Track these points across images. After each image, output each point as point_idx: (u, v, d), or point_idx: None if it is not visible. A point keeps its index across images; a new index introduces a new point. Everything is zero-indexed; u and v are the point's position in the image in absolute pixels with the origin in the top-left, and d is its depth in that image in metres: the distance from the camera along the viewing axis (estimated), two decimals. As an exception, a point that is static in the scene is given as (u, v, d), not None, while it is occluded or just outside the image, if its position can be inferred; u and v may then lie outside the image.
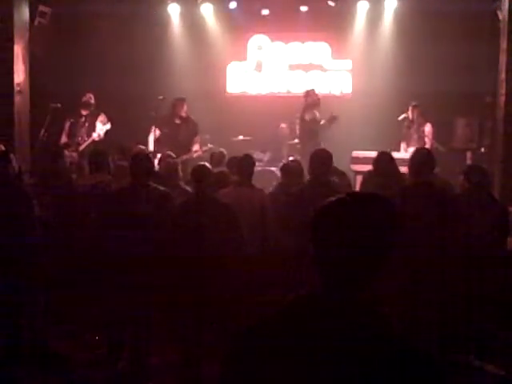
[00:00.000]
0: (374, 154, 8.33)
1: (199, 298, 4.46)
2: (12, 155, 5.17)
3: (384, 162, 5.73)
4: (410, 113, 8.85)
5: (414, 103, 8.84)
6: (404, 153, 8.38)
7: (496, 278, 4.81)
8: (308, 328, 1.40)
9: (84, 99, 8.83)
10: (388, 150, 6.45)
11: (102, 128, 8.75)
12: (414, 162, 4.91)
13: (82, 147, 8.52)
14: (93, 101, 8.89)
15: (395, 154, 6.42)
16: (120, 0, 10.13)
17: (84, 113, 8.81)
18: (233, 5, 10.22)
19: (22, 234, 4.75)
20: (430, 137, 8.79)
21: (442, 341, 4.45)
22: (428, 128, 8.80)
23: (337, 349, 1.37)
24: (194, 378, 4.57)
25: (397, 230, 1.49)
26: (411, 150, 8.64)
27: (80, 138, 8.68)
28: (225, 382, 1.51)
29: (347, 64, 10.47)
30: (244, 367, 1.45)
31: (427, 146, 8.70)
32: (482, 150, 9.22)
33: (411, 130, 8.86)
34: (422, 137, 8.79)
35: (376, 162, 5.80)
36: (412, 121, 8.86)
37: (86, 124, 8.79)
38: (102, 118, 8.84)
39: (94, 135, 8.65)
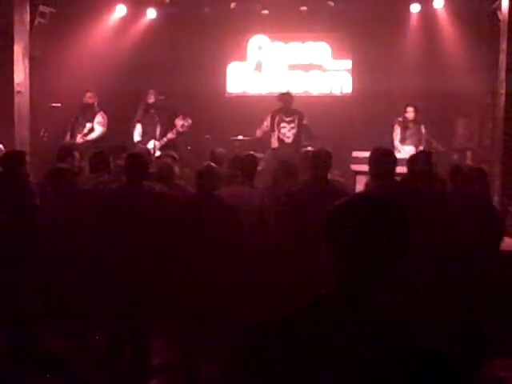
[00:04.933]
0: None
1: (199, 297, 4.46)
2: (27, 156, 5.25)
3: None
4: (407, 113, 8.83)
5: (409, 103, 8.83)
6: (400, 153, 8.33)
7: (496, 276, 4.81)
8: (324, 329, 1.40)
9: (84, 100, 8.78)
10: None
11: (90, 126, 8.71)
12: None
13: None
14: (93, 100, 8.84)
15: (401, 155, 6.40)
16: (120, 0, 10.14)
17: (84, 112, 8.79)
18: (233, 5, 10.22)
19: (24, 234, 4.77)
20: (426, 136, 8.78)
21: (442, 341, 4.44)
22: (423, 128, 8.80)
23: (353, 349, 1.36)
24: (194, 377, 4.56)
25: (408, 230, 1.50)
26: (407, 148, 8.64)
27: (78, 138, 8.68)
28: (237, 380, 1.51)
29: (347, 64, 10.47)
30: (257, 366, 1.45)
31: (422, 145, 8.68)
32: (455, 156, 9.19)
33: (408, 130, 8.84)
34: (419, 137, 8.76)
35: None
36: (409, 121, 8.85)
37: (84, 122, 8.78)
38: (99, 118, 8.81)
39: (78, 137, 8.60)
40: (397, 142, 8.79)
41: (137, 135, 8.89)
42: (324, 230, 1.50)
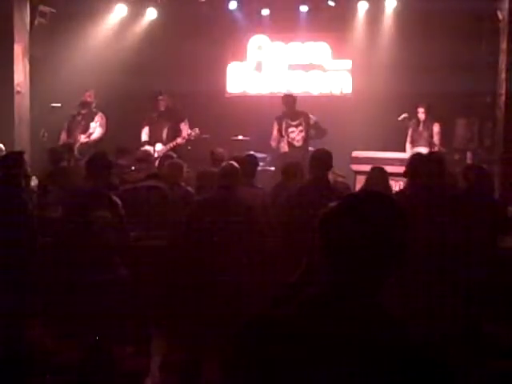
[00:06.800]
0: (374, 154, 8.40)
1: (201, 296, 4.46)
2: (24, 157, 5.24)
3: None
4: (418, 114, 8.79)
5: (422, 103, 8.79)
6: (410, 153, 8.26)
7: (495, 277, 4.81)
8: (318, 329, 1.40)
9: (83, 98, 8.81)
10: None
11: (94, 127, 8.74)
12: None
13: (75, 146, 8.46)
14: (91, 99, 8.85)
15: (401, 155, 6.38)
16: (120, 0, 10.14)
17: (82, 111, 8.80)
18: (233, 5, 10.22)
19: (21, 238, 4.77)
20: (439, 136, 8.73)
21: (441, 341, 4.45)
22: (437, 128, 8.74)
23: (347, 351, 1.36)
24: (195, 378, 4.56)
25: (407, 229, 1.48)
26: (417, 149, 8.60)
27: (76, 137, 8.68)
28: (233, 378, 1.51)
29: (347, 64, 10.47)
30: (250, 365, 1.45)
31: (436, 145, 8.64)
32: (455, 157, 9.14)
33: (419, 131, 8.80)
34: (431, 136, 8.71)
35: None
36: (420, 121, 8.81)
37: (83, 122, 8.78)
38: (98, 118, 8.82)
39: (82, 137, 8.62)
40: (407, 144, 8.75)
41: (144, 135, 8.89)
42: (318, 231, 1.49)
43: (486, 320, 4.83)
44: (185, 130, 8.71)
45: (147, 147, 8.54)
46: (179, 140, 8.63)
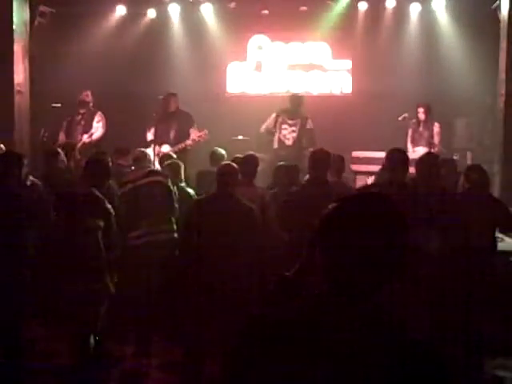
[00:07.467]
0: (374, 154, 8.40)
1: (202, 296, 4.46)
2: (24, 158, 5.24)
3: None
4: (418, 114, 8.76)
5: (422, 103, 8.75)
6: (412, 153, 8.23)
7: (495, 277, 4.81)
8: (318, 329, 1.40)
9: (80, 97, 8.74)
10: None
11: (96, 126, 8.70)
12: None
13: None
14: (89, 98, 8.79)
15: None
16: (120, 0, 10.15)
17: (81, 111, 8.76)
18: (233, 5, 10.22)
19: (19, 237, 4.77)
20: (439, 136, 8.70)
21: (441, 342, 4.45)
22: (437, 128, 8.71)
23: (347, 351, 1.36)
24: (196, 377, 4.56)
25: (407, 230, 1.47)
26: (417, 149, 8.59)
27: (76, 138, 8.64)
28: (230, 377, 1.52)
29: (347, 64, 10.47)
30: (251, 365, 1.45)
31: (436, 146, 8.62)
32: (455, 157, 9.09)
33: (419, 131, 8.78)
34: (431, 136, 8.69)
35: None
36: (420, 121, 8.78)
37: (82, 122, 8.73)
38: (98, 118, 8.78)
39: (85, 137, 8.59)
40: (408, 144, 8.73)
41: (150, 135, 8.80)
42: (318, 231, 1.49)
43: (486, 320, 4.83)
44: (195, 134, 8.63)
45: (149, 148, 8.51)
46: (188, 142, 8.56)
